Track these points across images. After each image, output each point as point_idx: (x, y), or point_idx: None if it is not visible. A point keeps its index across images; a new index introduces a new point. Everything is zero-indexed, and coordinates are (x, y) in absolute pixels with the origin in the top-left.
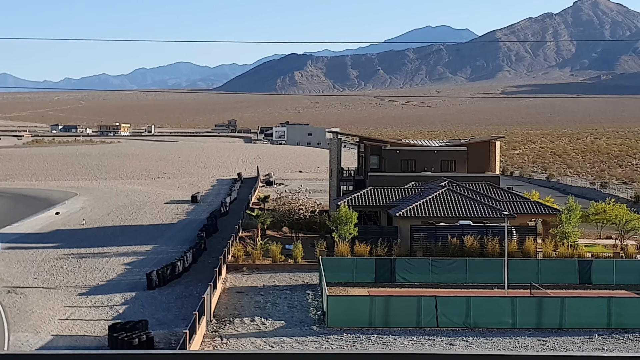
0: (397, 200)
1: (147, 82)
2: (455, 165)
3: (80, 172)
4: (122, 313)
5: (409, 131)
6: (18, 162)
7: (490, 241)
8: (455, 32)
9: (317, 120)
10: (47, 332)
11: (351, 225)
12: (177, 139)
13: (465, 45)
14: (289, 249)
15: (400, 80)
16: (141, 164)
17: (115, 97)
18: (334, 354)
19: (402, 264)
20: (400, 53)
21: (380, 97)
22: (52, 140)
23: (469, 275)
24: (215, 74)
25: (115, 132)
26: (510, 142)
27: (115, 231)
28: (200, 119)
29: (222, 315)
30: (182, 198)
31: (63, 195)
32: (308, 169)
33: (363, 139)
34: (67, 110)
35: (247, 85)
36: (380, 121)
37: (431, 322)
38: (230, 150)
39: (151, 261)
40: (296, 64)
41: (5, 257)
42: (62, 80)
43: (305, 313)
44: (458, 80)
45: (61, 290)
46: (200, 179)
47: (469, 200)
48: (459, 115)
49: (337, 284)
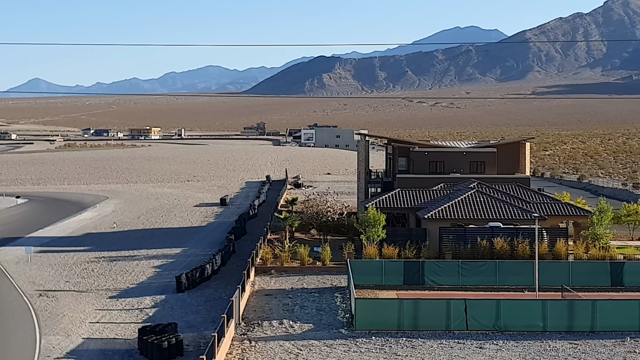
0: (426, 202)
1: (177, 86)
2: (485, 166)
3: (111, 175)
4: (152, 316)
5: (437, 133)
6: (50, 166)
7: (521, 243)
8: (484, 33)
9: (345, 122)
10: (78, 335)
11: (379, 228)
12: (207, 142)
13: (494, 46)
14: (317, 252)
15: (429, 82)
16: (171, 167)
17: (145, 101)
18: None
19: (431, 266)
20: (429, 54)
21: (409, 98)
22: (84, 144)
23: (499, 278)
24: (244, 77)
25: (146, 135)
26: (541, 143)
27: (146, 234)
28: (229, 122)
29: (251, 318)
30: (212, 201)
31: (94, 198)
32: (336, 171)
33: (391, 141)
34: (99, 115)
35: (276, 88)
36: (408, 123)
37: (461, 325)
38: (259, 153)
39: (181, 264)
40: (324, 66)
41: (37, 261)
42: (94, 84)
43: (334, 316)
44: (487, 81)
45: (92, 293)
46: (229, 182)
47: (498, 202)
48: (488, 116)
49: (365, 286)
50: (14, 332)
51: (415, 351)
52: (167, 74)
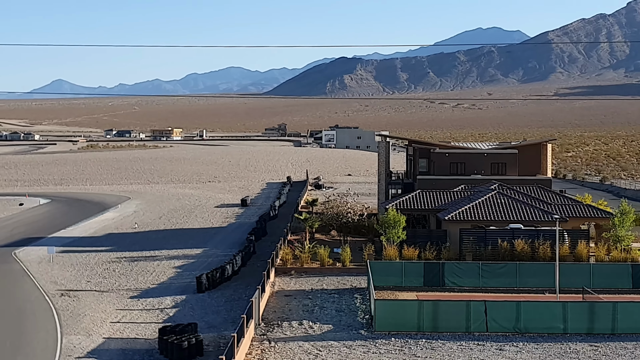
0: (446, 204)
1: (199, 87)
2: (506, 168)
3: (133, 176)
4: (172, 316)
5: (459, 134)
6: (73, 166)
7: (542, 245)
8: (506, 34)
9: (366, 124)
10: (99, 335)
11: (399, 229)
12: (228, 143)
13: (517, 47)
14: (337, 253)
15: (450, 83)
16: (192, 168)
17: (167, 102)
18: None
19: (451, 268)
20: (451, 55)
21: (431, 99)
22: (106, 145)
23: (520, 280)
24: (265, 78)
25: (168, 136)
26: (563, 145)
27: (167, 235)
28: (250, 123)
29: (271, 319)
30: (232, 202)
31: (116, 199)
32: (357, 172)
33: (412, 142)
34: (121, 116)
35: (297, 89)
36: (430, 124)
37: (481, 327)
38: (280, 154)
39: (201, 264)
40: (346, 67)
41: (59, 261)
42: (116, 86)
43: (353, 317)
44: (510, 82)
45: (113, 293)
46: (250, 183)
47: (519, 204)
48: (510, 118)
49: (385, 287)
50: (36, 332)
51: (434, 353)
52: (189, 75)
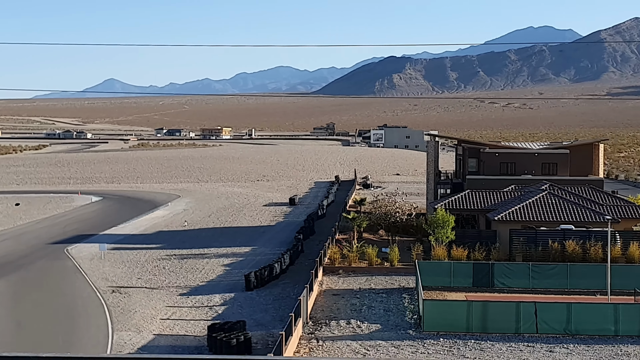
0: (496, 204)
1: (248, 87)
2: (557, 168)
3: (183, 174)
4: (221, 313)
5: (509, 134)
6: (124, 165)
7: (593, 246)
8: (558, 33)
9: (415, 123)
10: (149, 332)
11: (448, 229)
12: (277, 142)
13: (568, 46)
14: (385, 252)
15: (501, 82)
16: (241, 166)
17: (217, 101)
18: None
19: (500, 268)
20: (502, 54)
21: (480, 99)
22: (157, 143)
23: (570, 281)
24: (314, 77)
25: (217, 135)
26: (615, 145)
27: (216, 233)
28: (299, 122)
29: (319, 318)
30: (281, 200)
31: (166, 197)
32: (405, 172)
33: (461, 142)
34: (172, 115)
35: (346, 88)
36: (480, 123)
37: (530, 328)
38: (328, 153)
39: (250, 262)
40: (395, 66)
41: (110, 258)
42: (167, 85)
43: (402, 317)
44: (561, 81)
45: (163, 290)
46: (298, 182)
47: (570, 204)
48: (561, 118)
49: (433, 288)
50: (87, 328)
51: (483, 354)
52: (239, 74)
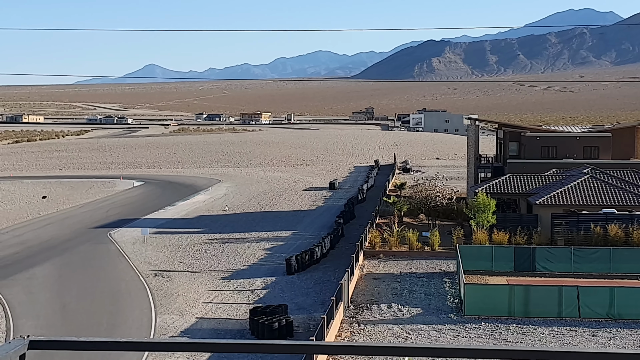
0: (537, 188)
1: (287, 71)
2: (599, 151)
3: (223, 159)
4: (262, 297)
5: (550, 117)
6: (165, 150)
7: (636, 230)
8: (599, 15)
9: (454, 107)
10: (192, 315)
11: (489, 213)
12: (316, 127)
13: (610, 29)
14: (425, 237)
15: (541, 65)
16: (281, 151)
17: (256, 86)
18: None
19: (542, 252)
20: (542, 37)
21: (520, 82)
22: (197, 128)
23: (613, 265)
24: (353, 61)
25: (257, 120)
26: None
27: (256, 217)
28: (338, 107)
29: (359, 302)
30: (321, 185)
31: (207, 182)
32: (445, 156)
33: (502, 126)
34: (211, 100)
35: (385, 72)
36: (520, 107)
37: (573, 312)
38: (368, 138)
39: (290, 247)
40: (434, 50)
41: (152, 242)
42: (207, 70)
43: (443, 301)
44: (602, 64)
45: (205, 274)
46: (337, 166)
47: (613, 188)
48: (603, 101)
49: (474, 272)
50: (132, 311)
51: (526, 338)
52: (278, 59)
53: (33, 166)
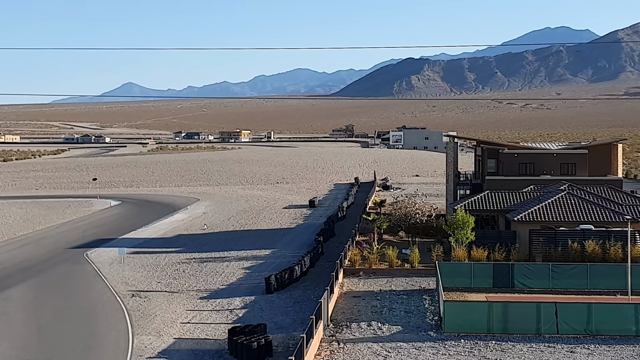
0: (515, 204)
1: (267, 89)
2: (576, 168)
3: (202, 178)
4: (241, 317)
5: (527, 134)
6: (143, 168)
7: (613, 246)
8: (575, 33)
9: (434, 124)
10: (170, 335)
11: (468, 230)
12: (296, 145)
13: (586, 47)
14: (405, 254)
15: (518, 83)
16: (261, 169)
17: (236, 104)
18: None
19: (520, 269)
20: (519, 55)
21: (498, 99)
22: (176, 147)
23: (591, 281)
24: (332, 79)
25: (236, 138)
26: (634, 145)
27: (236, 236)
28: (318, 125)
29: (339, 320)
30: (300, 203)
31: (185, 200)
32: (425, 173)
33: (480, 143)
34: (190, 118)
35: (364, 90)
36: (498, 124)
37: (551, 329)
38: (348, 155)
39: (270, 265)
40: (413, 68)
41: (130, 262)
42: (185, 88)
43: (422, 318)
44: (579, 81)
45: (183, 294)
46: (317, 184)
47: (590, 204)
48: (579, 118)
49: (454, 289)
50: (108, 332)
51: (505, 355)
52: (257, 77)
53: (9, 186)
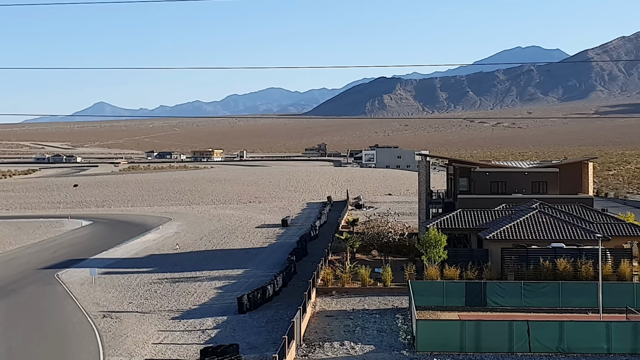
0: (487, 223)
1: (239, 108)
2: (547, 186)
3: (174, 197)
4: (213, 337)
5: (499, 153)
6: (115, 188)
7: (584, 264)
8: (546, 53)
9: (406, 143)
10: (141, 356)
11: (440, 248)
12: (268, 164)
13: (556, 66)
14: (378, 273)
15: (490, 102)
16: (233, 188)
17: (208, 123)
18: None
19: (493, 287)
20: (490, 74)
21: (470, 118)
22: (148, 166)
23: (562, 299)
24: (305, 98)
25: (209, 157)
26: (604, 163)
27: (208, 255)
28: (290, 144)
29: (312, 339)
30: (273, 222)
31: (157, 220)
32: (397, 192)
33: (452, 161)
34: (162, 137)
35: (337, 109)
36: (470, 143)
37: (523, 347)
38: (320, 174)
39: (242, 285)
40: (385, 87)
41: (101, 282)
42: (157, 108)
43: (395, 337)
44: (549, 100)
45: (155, 314)
46: (290, 203)
47: (561, 223)
48: (550, 136)
49: (426, 307)
50: (79, 353)
51: None
52: (230, 96)
53: None
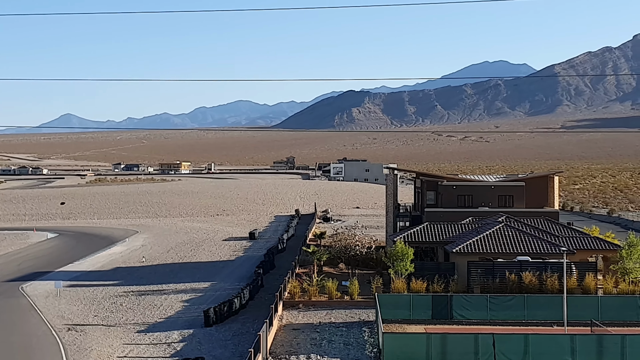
0: (454, 236)
1: (208, 121)
2: (513, 200)
3: (141, 210)
4: (179, 350)
5: (467, 166)
6: (81, 200)
7: (549, 277)
8: (513, 67)
9: (374, 157)
10: None
11: (407, 262)
12: (237, 177)
13: (523, 80)
14: (345, 286)
15: (458, 116)
16: (201, 201)
17: (176, 135)
18: None
19: (459, 300)
20: (458, 88)
21: (438, 132)
22: (115, 179)
23: (528, 312)
24: (274, 111)
25: (176, 170)
26: (570, 177)
27: (174, 268)
28: (259, 156)
29: (278, 353)
30: (240, 235)
31: (124, 233)
32: (365, 205)
33: (420, 175)
34: (130, 149)
35: (305, 122)
36: (438, 157)
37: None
38: (288, 187)
39: (209, 298)
40: (354, 100)
41: (66, 295)
42: (125, 120)
43: (362, 350)
44: (516, 115)
45: (120, 327)
46: (258, 216)
47: (527, 236)
48: (517, 150)
49: (393, 321)
50: None
51: None
52: (198, 108)
53: None
